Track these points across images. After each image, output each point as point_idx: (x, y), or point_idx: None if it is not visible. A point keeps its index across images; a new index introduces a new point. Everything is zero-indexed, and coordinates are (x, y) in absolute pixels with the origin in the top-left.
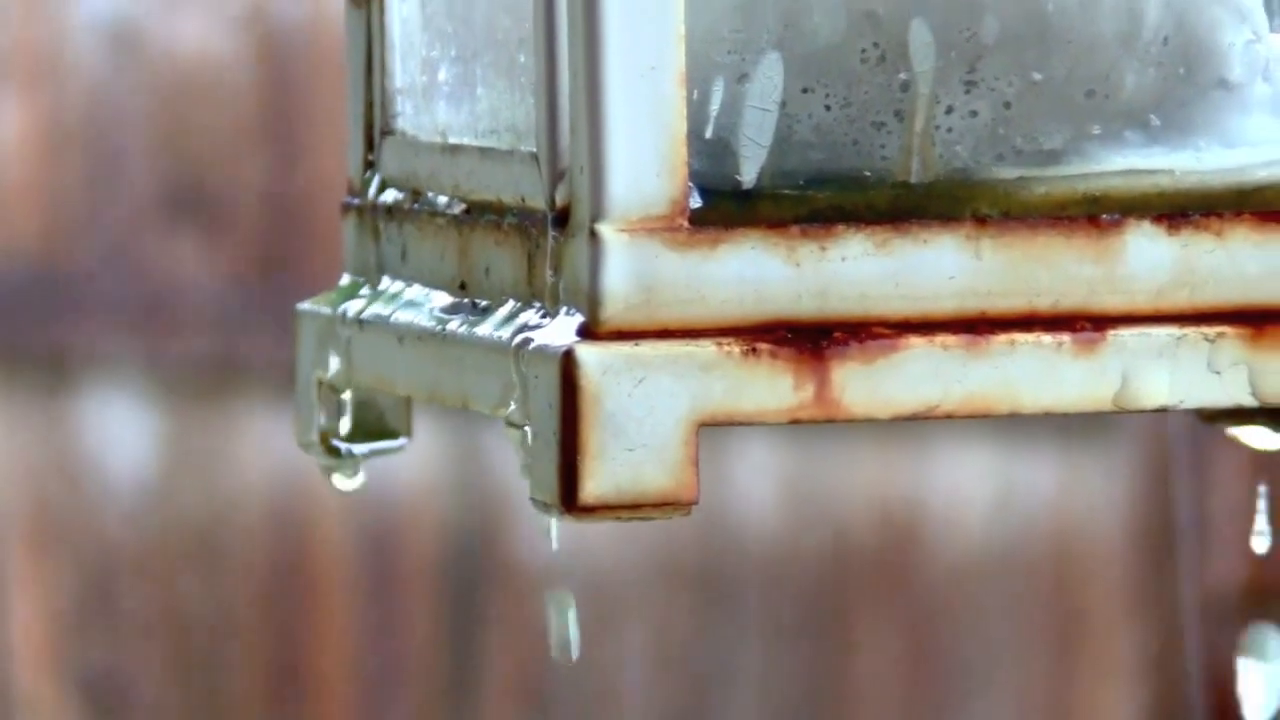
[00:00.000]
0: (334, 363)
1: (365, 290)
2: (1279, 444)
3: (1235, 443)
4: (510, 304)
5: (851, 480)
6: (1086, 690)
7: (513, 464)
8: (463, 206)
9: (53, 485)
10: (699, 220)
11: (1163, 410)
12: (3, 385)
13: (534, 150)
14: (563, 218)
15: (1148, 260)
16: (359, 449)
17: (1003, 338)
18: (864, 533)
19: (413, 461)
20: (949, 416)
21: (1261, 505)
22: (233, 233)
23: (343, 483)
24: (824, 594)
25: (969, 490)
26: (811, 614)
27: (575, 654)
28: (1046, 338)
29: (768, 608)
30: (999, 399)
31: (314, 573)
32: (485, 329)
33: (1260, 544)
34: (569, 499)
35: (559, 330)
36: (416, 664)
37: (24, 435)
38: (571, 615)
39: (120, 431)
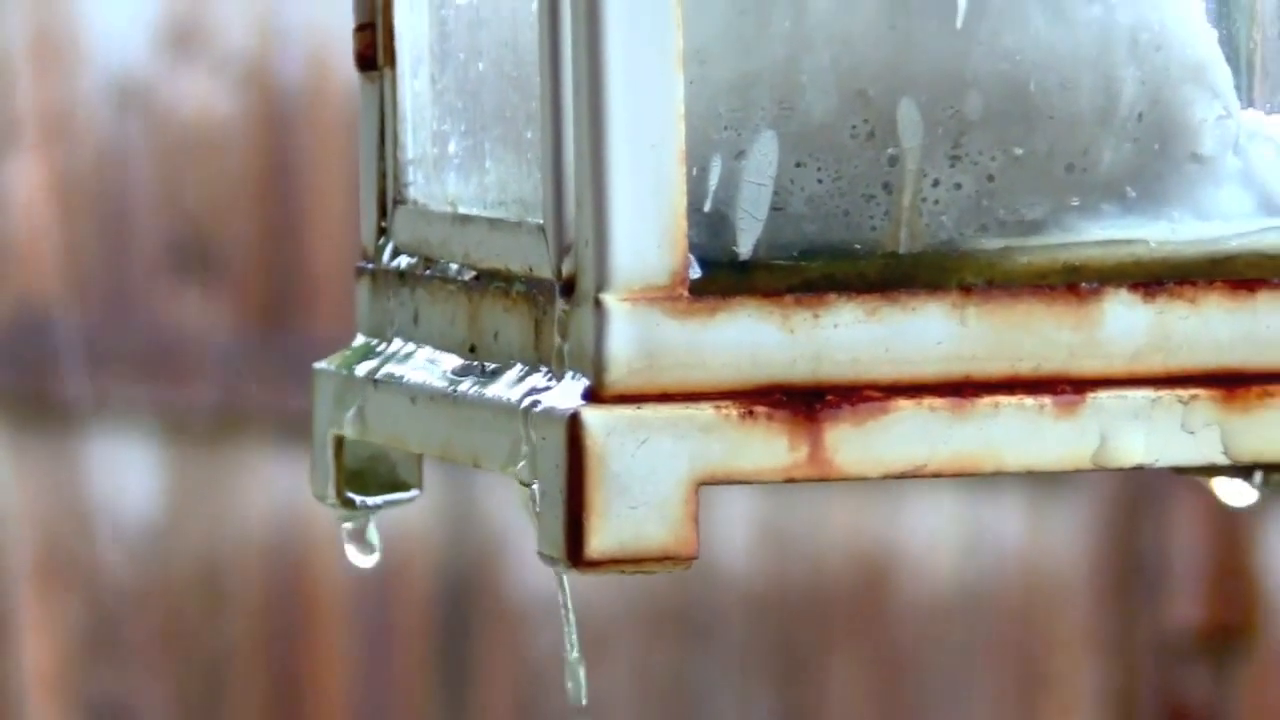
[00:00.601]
0: (350, 420)
1: (379, 350)
2: (1253, 498)
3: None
4: (518, 367)
5: (827, 525)
6: None
7: (503, 509)
8: (473, 274)
9: (62, 525)
10: (698, 290)
11: (1139, 468)
12: (15, 429)
13: (541, 222)
14: (569, 287)
15: (1125, 326)
16: (372, 500)
17: (987, 400)
18: (838, 575)
19: (408, 506)
20: (937, 475)
21: None
22: (234, 285)
23: (361, 561)
24: (799, 633)
25: (939, 535)
26: (787, 652)
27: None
28: (1029, 400)
29: (745, 646)
30: (984, 458)
31: (311, 610)
32: (495, 391)
33: None
34: (575, 554)
35: (566, 393)
36: (410, 698)
37: (36, 477)
38: (581, 674)
39: (127, 474)
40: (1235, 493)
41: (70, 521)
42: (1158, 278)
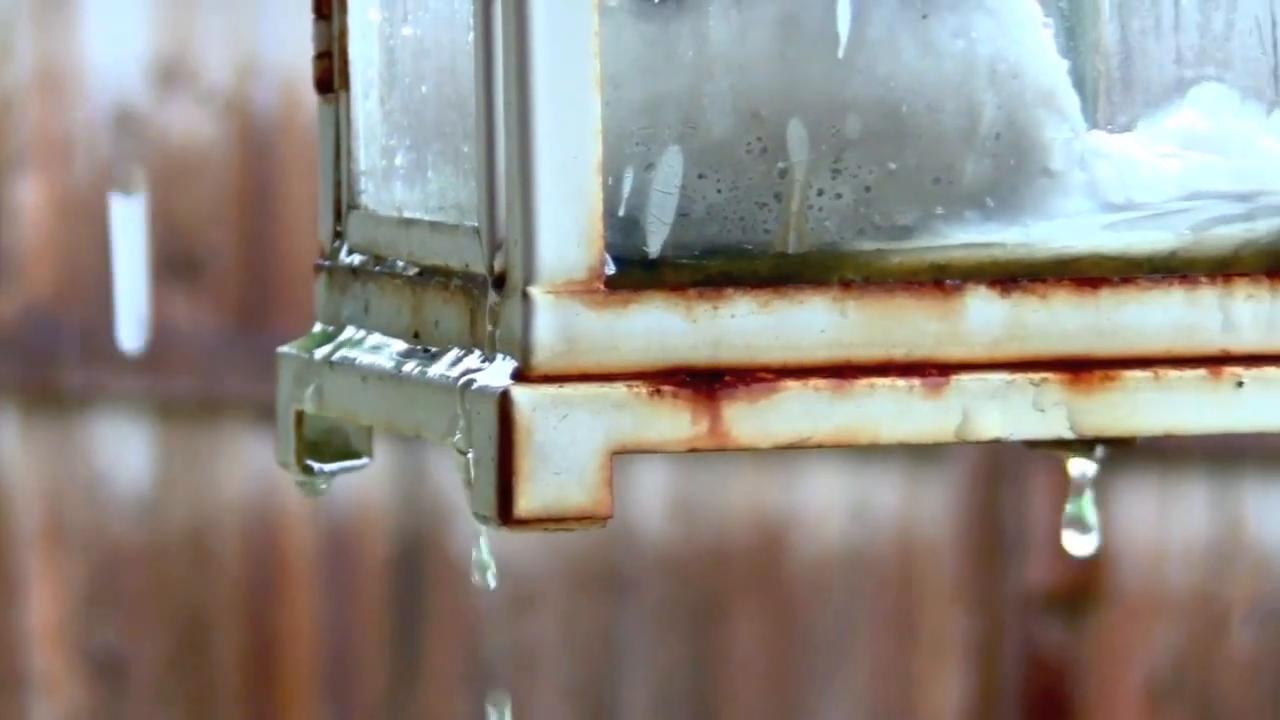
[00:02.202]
0: (309, 397)
1: (334, 337)
2: (1093, 471)
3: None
4: (456, 351)
5: (730, 495)
6: (923, 669)
7: (450, 479)
8: (416, 270)
9: (65, 495)
10: (613, 284)
11: (996, 442)
12: (25, 414)
13: (476, 225)
14: (500, 281)
15: (984, 318)
16: (328, 467)
17: (864, 382)
18: (740, 538)
19: (365, 477)
20: (820, 446)
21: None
22: (216, 288)
23: (312, 492)
24: (706, 589)
25: (827, 504)
26: (695, 605)
27: None
28: (900, 382)
29: (659, 600)
30: (861, 432)
31: (283, 568)
32: (435, 371)
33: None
34: (505, 513)
35: (497, 373)
36: (369, 643)
37: (42, 456)
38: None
39: (122, 452)
40: (1080, 468)
41: (72, 493)
42: (1013, 276)
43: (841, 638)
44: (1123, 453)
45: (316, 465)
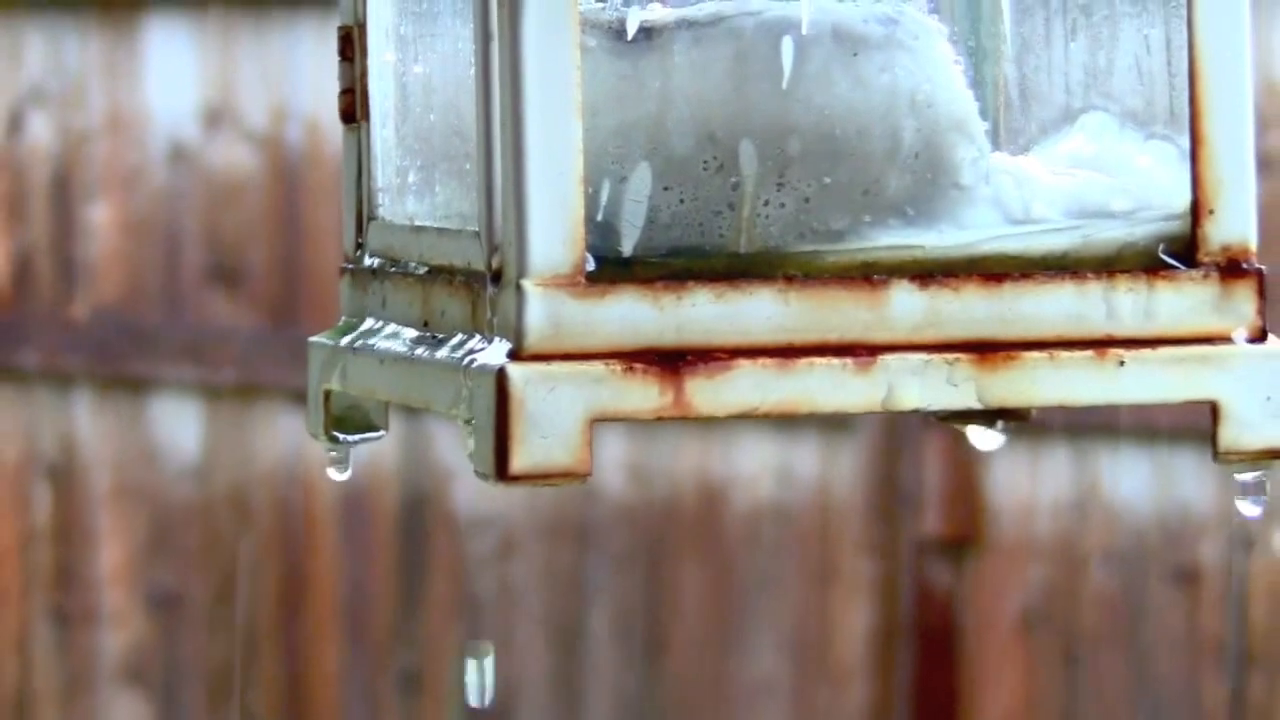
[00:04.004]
0: (335, 378)
1: (356, 327)
2: (998, 443)
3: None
4: (459, 336)
5: (679, 460)
6: (836, 605)
7: (449, 447)
8: (426, 269)
9: (132, 465)
10: (592, 278)
11: (916, 412)
12: (97, 398)
13: (476, 230)
14: (497, 277)
15: (906, 308)
16: (351, 438)
17: (804, 361)
18: (686, 495)
19: (377, 446)
20: (767, 416)
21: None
22: (254, 293)
23: (337, 476)
24: (658, 539)
25: (759, 467)
26: (649, 553)
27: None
28: (835, 361)
29: (619, 549)
30: (802, 403)
31: (310, 523)
32: (442, 354)
33: None
34: (501, 471)
35: (494, 354)
36: (380, 584)
37: (111, 431)
38: (489, 662)
39: (177, 428)
40: (984, 439)
41: (136, 461)
42: (930, 272)
43: (769, 578)
44: (1021, 424)
45: (341, 436)
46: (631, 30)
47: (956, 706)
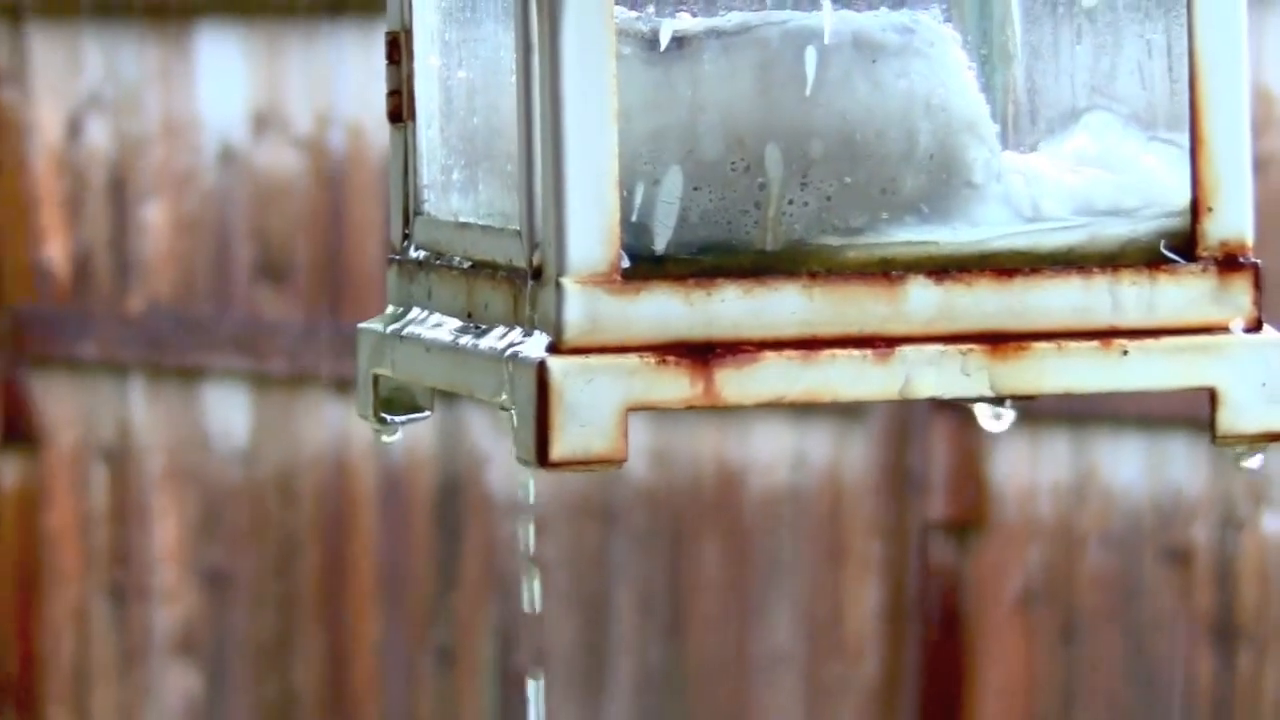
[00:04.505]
0: (383, 363)
1: (403, 317)
2: (1007, 422)
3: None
4: (501, 328)
5: (698, 446)
6: (848, 584)
7: (483, 433)
8: (469, 263)
9: (185, 448)
10: (627, 275)
11: (932, 400)
12: (151, 386)
13: (518, 228)
14: (537, 273)
15: (922, 301)
16: (398, 419)
17: (826, 352)
18: (706, 480)
19: (415, 431)
20: (793, 404)
21: None
22: (301, 287)
23: (387, 439)
24: (681, 520)
25: (776, 453)
26: (672, 533)
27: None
28: (855, 352)
29: (644, 529)
30: (824, 393)
31: (352, 504)
32: (485, 344)
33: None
34: (542, 458)
35: (535, 346)
36: (418, 562)
37: (165, 418)
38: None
39: (228, 415)
40: (995, 420)
41: (188, 446)
42: (944, 267)
43: (784, 558)
44: (1023, 410)
45: (389, 417)
46: (664, 40)
47: (961, 679)
